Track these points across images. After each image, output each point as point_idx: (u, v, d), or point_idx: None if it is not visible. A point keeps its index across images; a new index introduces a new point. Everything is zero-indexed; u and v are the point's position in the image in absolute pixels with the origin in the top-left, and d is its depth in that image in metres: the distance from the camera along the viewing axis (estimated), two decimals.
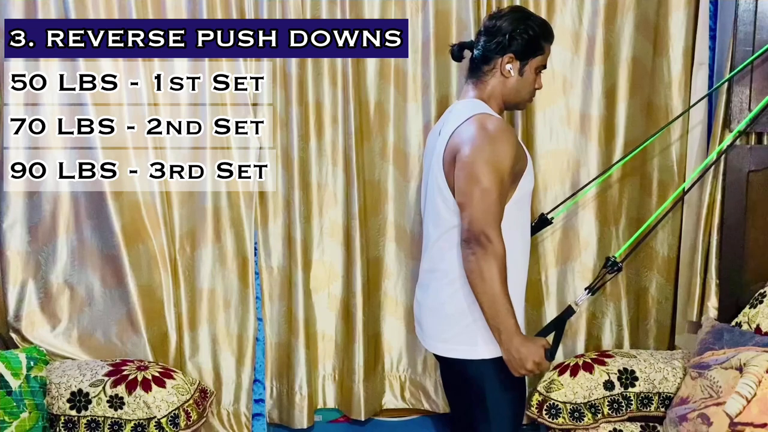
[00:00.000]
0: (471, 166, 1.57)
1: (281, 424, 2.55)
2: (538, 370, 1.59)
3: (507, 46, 1.67)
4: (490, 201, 1.55)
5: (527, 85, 1.72)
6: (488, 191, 1.55)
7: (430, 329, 1.77)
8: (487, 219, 1.54)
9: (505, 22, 1.67)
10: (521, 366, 1.57)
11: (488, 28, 1.70)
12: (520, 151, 1.65)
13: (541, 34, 1.69)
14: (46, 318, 2.33)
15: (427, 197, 1.77)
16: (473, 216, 1.56)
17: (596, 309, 2.50)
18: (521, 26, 1.66)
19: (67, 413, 2.02)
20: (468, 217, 1.57)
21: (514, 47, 1.67)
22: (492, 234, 1.54)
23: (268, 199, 2.44)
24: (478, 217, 1.55)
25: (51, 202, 2.29)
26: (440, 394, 2.57)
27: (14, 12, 2.21)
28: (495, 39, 1.67)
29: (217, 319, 2.44)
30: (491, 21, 1.70)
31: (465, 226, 1.58)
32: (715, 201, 2.28)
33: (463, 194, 1.59)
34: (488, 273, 1.54)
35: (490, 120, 1.61)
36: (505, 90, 1.71)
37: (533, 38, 1.67)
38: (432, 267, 1.75)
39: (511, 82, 1.70)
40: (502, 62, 1.68)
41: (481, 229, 1.54)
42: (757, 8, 2.17)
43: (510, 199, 1.64)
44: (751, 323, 2.04)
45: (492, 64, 1.69)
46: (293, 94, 2.36)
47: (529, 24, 1.67)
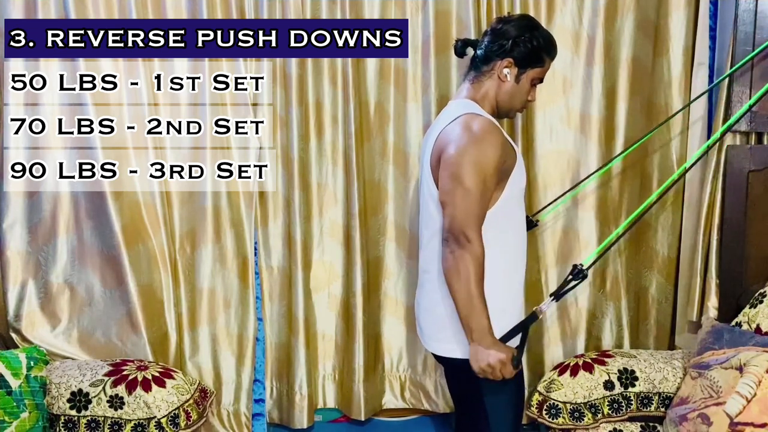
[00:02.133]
0: (454, 166, 1.58)
1: (281, 424, 2.55)
2: (501, 374, 1.57)
3: (509, 51, 1.68)
4: (471, 201, 1.56)
5: (521, 93, 1.73)
6: (469, 191, 1.56)
7: (427, 329, 1.78)
8: (468, 219, 1.56)
9: (512, 27, 1.69)
10: (486, 364, 1.56)
11: (495, 29, 1.72)
12: (507, 150, 1.65)
13: (545, 47, 1.70)
14: (46, 318, 2.33)
15: (421, 198, 1.78)
16: (453, 215, 1.57)
17: (596, 309, 2.50)
18: (527, 34, 1.68)
19: (67, 413, 2.02)
20: (449, 216, 1.58)
21: (516, 53, 1.68)
22: (471, 234, 1.55)
23: (268, 199, 2.44)
24: (458, 216, 1.56)
25: (51, 202, 2.29)
26: (440, 394, 2.57)
27: (14, 12, 2.21)
28: (499, 41, 1.69)
29: (217, 319, 2.44)
30: (499, 24, 1.72)
31: (446, 225, 1.59)
32: (715, 201, 2.28)
33: (445, 194, 1.60)
34: (464, 272, 1.55)
35: (475, 120, 1.62)
36: (499, 93, 1.72)
37: (536, 49, 1.69)
38: (426, 267, 1.76)
39: (506, 86, 1.71)
40: (501, 65, 1.69)
41: (460, 228, 1.56)
42: (757, 8, 2.17)
43: (501, 197, 1.64)
44: (751, 323, 2.04)
45: (491, 65, 1.70)
46: (293, 94, 2.36)
47: (534, 34, 1.69)
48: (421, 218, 1.78)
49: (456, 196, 1.57)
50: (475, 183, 1.56)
